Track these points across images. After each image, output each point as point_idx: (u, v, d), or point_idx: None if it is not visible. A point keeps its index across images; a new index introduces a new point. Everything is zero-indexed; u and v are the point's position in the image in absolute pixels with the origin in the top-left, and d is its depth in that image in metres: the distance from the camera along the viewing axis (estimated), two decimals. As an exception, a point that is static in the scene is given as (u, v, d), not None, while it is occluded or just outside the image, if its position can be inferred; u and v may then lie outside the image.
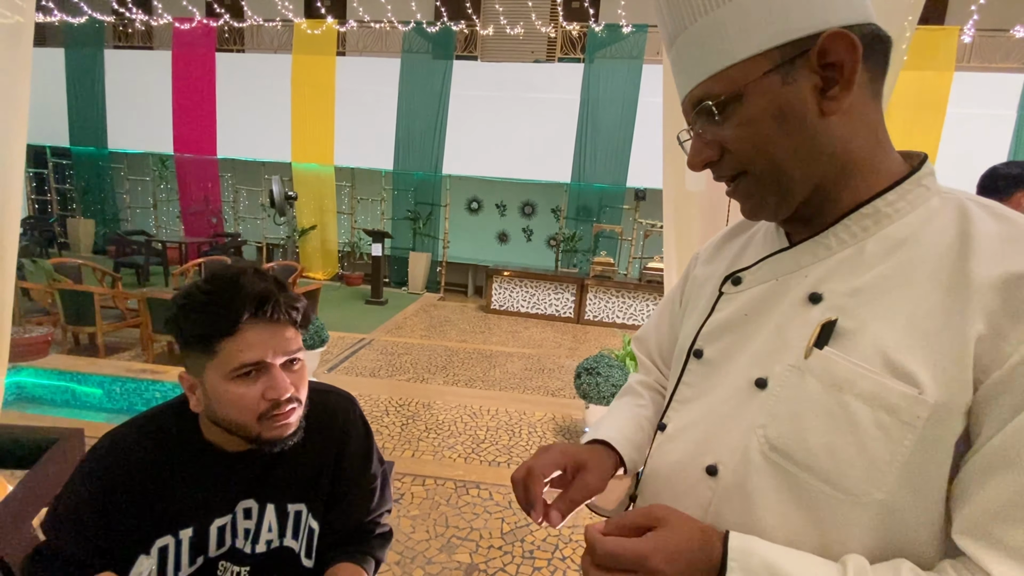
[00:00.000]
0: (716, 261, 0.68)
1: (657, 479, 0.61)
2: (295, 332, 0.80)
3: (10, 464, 1.27)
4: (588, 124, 7.56)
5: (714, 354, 0.59)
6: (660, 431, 0.64)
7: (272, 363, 0.77)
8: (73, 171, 9.72)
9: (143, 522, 0.78)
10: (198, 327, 0.74)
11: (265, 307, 0.75)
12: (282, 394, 0.76)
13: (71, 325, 4.54)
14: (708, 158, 0.53)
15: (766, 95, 0.47)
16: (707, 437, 0.56)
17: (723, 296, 0.61)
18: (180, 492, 0.80)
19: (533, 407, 3.79)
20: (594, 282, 7.01)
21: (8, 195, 1.76)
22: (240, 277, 0.76)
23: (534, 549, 2.20)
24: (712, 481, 0.54)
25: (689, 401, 0.61)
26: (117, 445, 0.80)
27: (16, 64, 1.78)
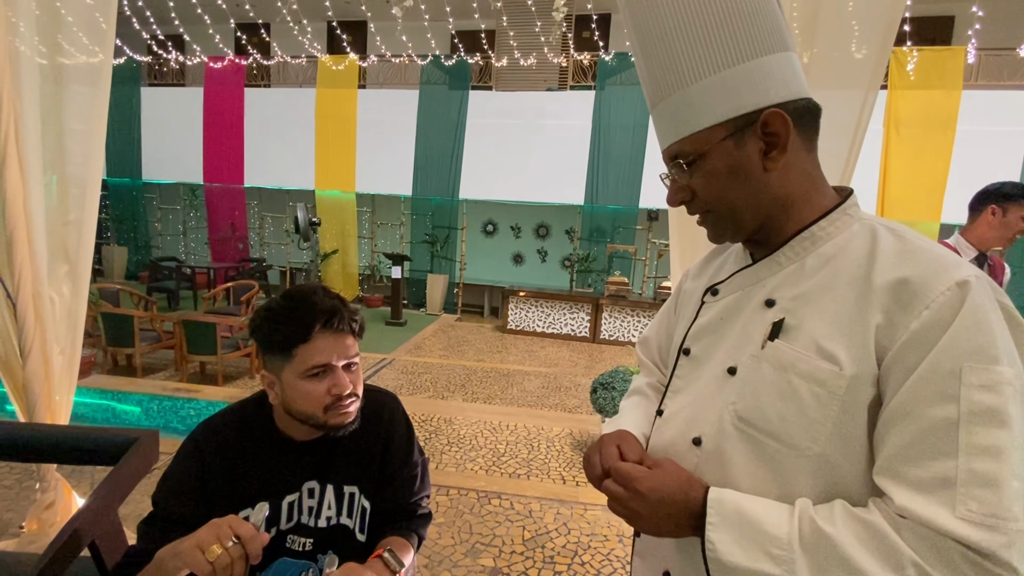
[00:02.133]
0: (702, 276, 0.84)
1: (656, 452, 0.76)
2: (354, 340, 0.97)
3: (94, 461, 1.44)
4: (600, 148, 7.78)
5: (698, 351, 0.74)
6: (658, 416, 0.78)
7: (336, 365, 0.93)
8: (109, 201, 10.23)
9: (230, 496, 0.93)
10: (279, 334, 0.91)
11: (333, 320, 0.91)
12: (344, 390, 0.93)
13: (111, 346, 4.80)
14: (682, 199, 0.70)
15: (723, 155, 0.63)
16: (693, 416, 0.70)
17: (705, 304, 0.77)
18: (258, 472, 0.96)
19: (551, 423, 3.90)
20: (609, 301, 7.12)
21: (85, 228, 1.99)
22: (313, 295, 0.93)
23: (554, 555, 2.30)
24: (698, 450, 0.68)
25: (680, 391, 0.76)
26: (209, 429, 0.97)
27: (94, 108, 2.01)
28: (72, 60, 1.97)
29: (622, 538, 2.46)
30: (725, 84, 0.61)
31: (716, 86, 0.61)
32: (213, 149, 9.12)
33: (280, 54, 9.24)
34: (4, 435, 1.41)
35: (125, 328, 4.70)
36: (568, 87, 8.64)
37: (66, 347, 2.01)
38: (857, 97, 1.54)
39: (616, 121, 7.69)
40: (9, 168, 1.77)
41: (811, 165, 0.66)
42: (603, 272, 8.07)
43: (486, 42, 8.70)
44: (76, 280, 2.00)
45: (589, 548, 2.36)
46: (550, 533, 2.46)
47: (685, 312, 0.82)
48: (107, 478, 1.31)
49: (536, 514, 2.62)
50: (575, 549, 2.35)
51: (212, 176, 9.24)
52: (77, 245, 1.99)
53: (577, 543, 2.39)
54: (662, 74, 0.65)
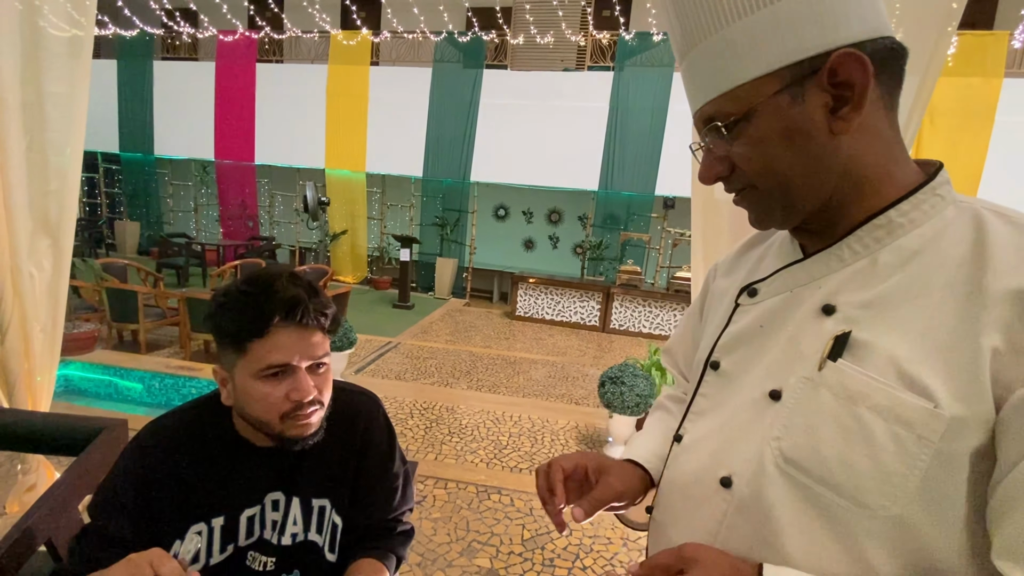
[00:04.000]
0: (734, 273, 0.69)
1: (672, 490, 0.62)
2: (323, 337, 0.82)
3: (60, 451, 1.34)
4: (617, 132, 7.54)
5: (730, 366, 0.60)
6: (676, 442, 0.64)
7: (298, 366, 0.79)
8: (122, 176, 10.23)
9: (179, 508, 0.81)
10: (232, 325, 0.77)
11: (295, 312, 0.77)
12: (305, 396, 0.78)
13: (116, 322, 4.77)
14: (718, 173, 0.54)
15: (775, 115, 0.48)
16: (721, 448, 0.56)
17: (739, 308, 0.61)
18: (213, 481, 0.83)
19: (556, 415, 3.78)
20: (620, 291, 6.95)
21: (66, 198, 1.88)
22: (275, 281, 0.78)
23: (554, 558, 2.19)
24: (727, 493, 0.54)
25: (705, 413, 0.61)
26: (157, 434, 0.84)
27: (76, 77, 1.90)
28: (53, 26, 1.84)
29: (627, 541, 2.34)
30: (778, 20, 0.45)
31: (766, 23, 0.46)
32: (224, 125, 9.02)
33: (292, 29, 9.06)
34: (-36, 419, 1.32)
35: (130, 304, 4.66)
36: (586, 67, 8.36)
37: (47, 325, 1.91)
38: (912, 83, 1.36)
39: (634, 104, 7.43)
40: (-17, 133, 1.66)
41: (891, 129, 0.50)
42: (615, 260, 7.89)
43: (502, 18, 8.42)
44: (58, 254, 1.90)
45: (591, 551, 2.25)
46: (551, 533, 2.35)
47: (714, 316, 0.67)
48: (67, 471, 1.21)
49: (537, 512, 2.51)
50: (576, 552, 2.24)
51: (223, 152, 9.16)
52: (59, 217, 1.89)
53: (579, 545, 2.28)
54: (695, 10, 0.50)
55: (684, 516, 0.58)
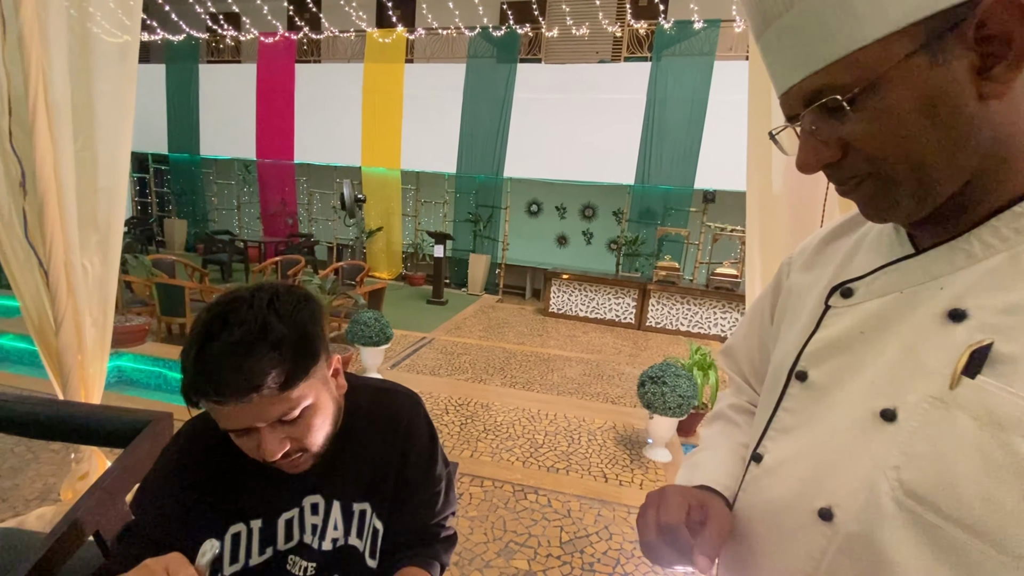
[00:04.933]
0: (816, 268, 0.60)
1: (755, 518, 0.54)
2: (278, 394, 0.67)
3: (108, 443, 1.37)
4: (654, 124, 7.33)
5: (821, 377, 0.51)
6: (755, 462, 0.56)
7: (259, 426, 0.69)
8: (170, 176, 10.68)
9: (218, 508, 0.79)
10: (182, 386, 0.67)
11: (218, 397, 0.64)
12: (271, 457, 0.70)
13: (165, 316, 4.96)
14: (828, 159, 0.45)
15: (910, 82, 0.39)
16: (817, 474, 0.48)
17: (830, 310, 0.53)
18: (251, 483, 0.81)
19: (593, 414, 3.70)
20: (657, 287, 6.77)
21: (115, 195, 1.92)
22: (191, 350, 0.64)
23: (594, 562, 2.12)
24: (826, 527, 0.46)
25: (791, 430, 0.53)
26: (196, 434, 0.82)
27: (124, 79, 1.94)
28: (103, 31, 1.89)
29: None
30: None
31: None
32: (265, 125, 9.28)
33: (330, 28, 9.21)
34: (14, 412, 1.35)
35: (177, 298, 4.83)
36: (622, 58, 8.16)
37: (98, 317, 1.97)
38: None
39: (673, 95, 7.20)
40: (39, 133, 1.71)
41: None
42: (652, 256, 7.69)
43: (537, 10, 8.32)
44: (107, 249, 1.95)
45: (633, 557, 2.17)
46: (590, 536, 2.28)
47: (794, 318, 0.58)
48: (113, 464, 1.22)
49: (575, 514, 2.45)
50: (617, 557, 2.16)
51: (264, 152, 9.42)
52: (108, 214, 1.94)
53: (619, 550, 2.20)
54: None
55: (771, 549, 0.51)
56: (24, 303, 1.86)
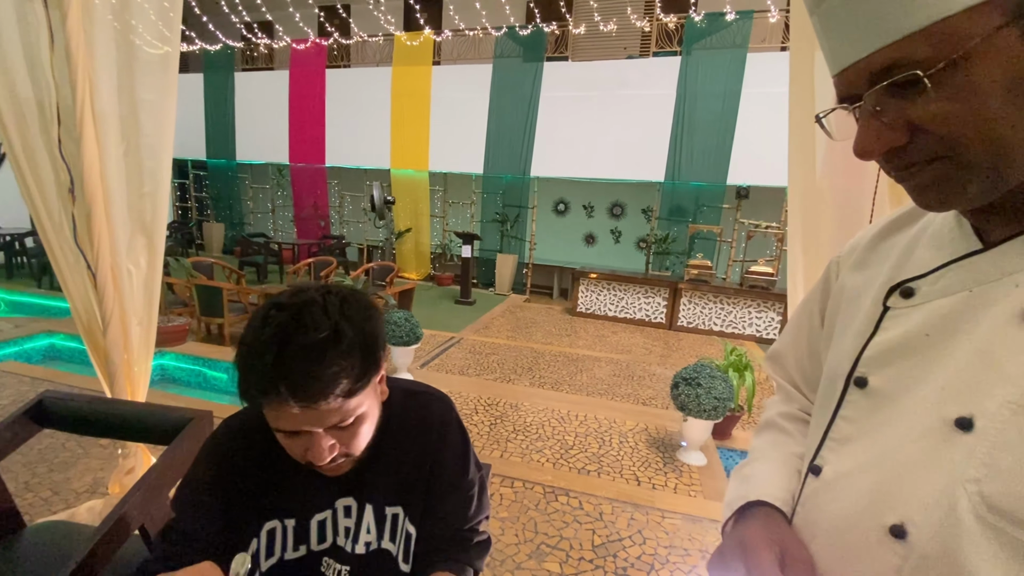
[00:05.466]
0: (870, 267, 0.56)
1: (817, 535, 0.50)
2: (341, 402, 0.68)
3: (152, 440, 1.41)
4: (684, 120, 7.17)
5: (884, 383, 0.48)
6: (813, 474, 0.52)
7: (312, 431, 0.69)
8: (208, 181, 11.07)
9: (252, 505, 0.80)
10: (239, 385, 0.66)
11: (287, 399, 0.64)
12: (320, 461, 0.71)
13: (204, 316, 5.13)
14: (892, 143, 0.41)
15: (998, 58, 0.35)
16: (886, 488, 0.44)
17: (890, 311, 0.49)
18: (284, 482, 0.81)
19: (624, 415, 3.63)
20: (689, 286, 6.62)
21: (158, 199, 1.98)
22: (267, 352, 0.63)
23: (628, 567, 2.08)
24: (899, 546, 0.42)
25: (852, 440, 0.49)
26: (232, 432, 0.83)
27: (165, 88, 2.00)
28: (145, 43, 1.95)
29: (705, 554, 2.18)
30: None
31: None
32: (298, 130, 9.51)
33: (359, 33, 9.37)
34: (73, 409, 1.41)
35: (215, 299, 5.00)
36: (651, 53, 8.02)
37: (143, 318, 2.04)
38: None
39: (704, 89, 7.03)
40: (86, 141, 1.78)
41: None
42: (683, 254, 7.53)
43: (564, 7, 8.26)
44: (152, 252, 2.02)
45: (668, 563, 2.11)
46: (623, 540, 2.24)
47: (848, 321, 0.55)
48: (157, 461, 1.26)
49: (607, 517, 2.40)
50: (651, 562, 2.11)
51: (297, 156, 9.66)
52: (152, 217, 2.00)
53: (654, 555, 2.15)
54: None
55: (837, 569, 0.47)
56: (74, 304, 1.94)
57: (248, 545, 0.79)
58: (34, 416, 1.39)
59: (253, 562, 0.78)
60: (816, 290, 0.65)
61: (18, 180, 1.80)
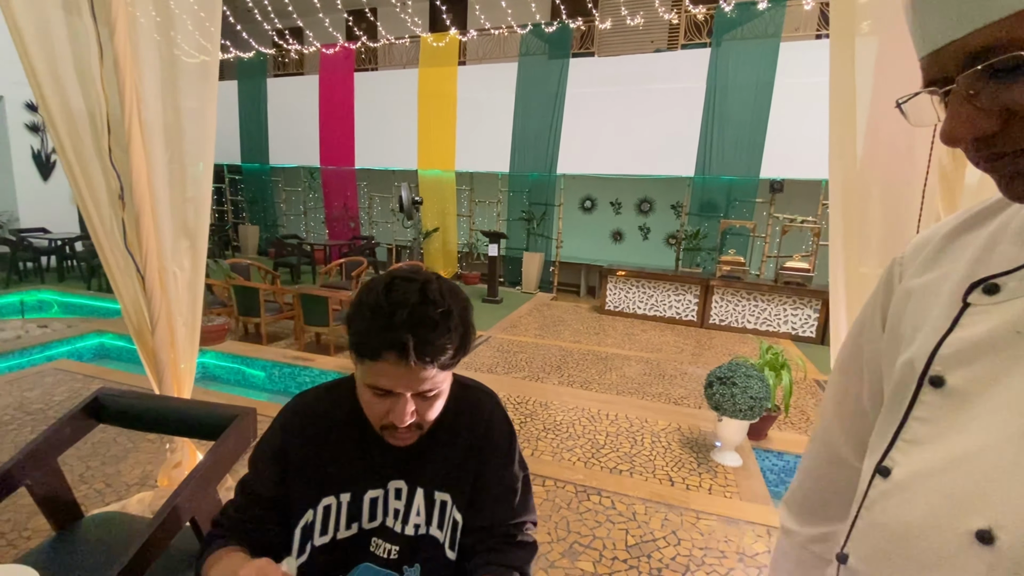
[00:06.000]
0: (942, 265, 0.53)
1: (885, 538, 0.48)
2: (436, 371, 0.77)
3: (199, 435, 1.46)
4: (715, 113, 7.01)
5: (963, 383, 0.45)
6: (880, 475, 0.50)
7: (402, 393, 0.77)
8: (243, 185, 11.42)
9: (312, 479, 0.85)
10: (353, 334, 0.76)
11: (405, 353, 0.72)
12: (401, 423, 0.78)
13: (242, 316, 5.30)
14: (985, 130, 0.39)
15: None
16: (970, 491, 0.42)
17: (970, 308, 0.47)
18: (343, 458, 0.86)
19: (655, 415, 3.58)
20: (721, 283, 6.48)
21: (201, 204, 2.06)
22: (398, 311, 0.72)
23: (662, 568, 2.05)
24: (986, 552, 0.40)
25: (927, 441, 0.47)
26: (303, 406, 0.89)
27: (205, 96, 2.07)
28: (188, 48, 2.03)
29: (743, 556, 2.14)
30: None
31: None
32: (328, 133, 9.72)
33: (386, 36, 9.50)
34: (127, 405, 1.47)
35: (252, 300, 5.16)
36: (679, 46, 7.87)
37: (188, 319, 2.12)
38: None
39: (735, 81, 6.86)
40: (134, 149, 1.86)
41: None
42: (714, 251, 7.37)
43: (590, 1, 8.18)
44: (195, 255, 2.10)
45: (703, 564, 2.08)
46: (657, 541, 2.21)
47: (919, 321, 0.52)
48: (206, 456, 1.31)
49: (640, 517, 2.38)
50: (686, 563, 2.08)
51: (327, 159, 9.87)
52: (195, 221, 2.08)
53: (689, 556, 2.12)
54: None
55: (910, 574, 0.45)
56: (124, 305, 2.03)
57: (304, 514, 0.83)
58: (91, 412, 1.46)
59: (305, 536, 0.83)
60: (877, 293, 0.62)
61: (72, 187, 1.89)
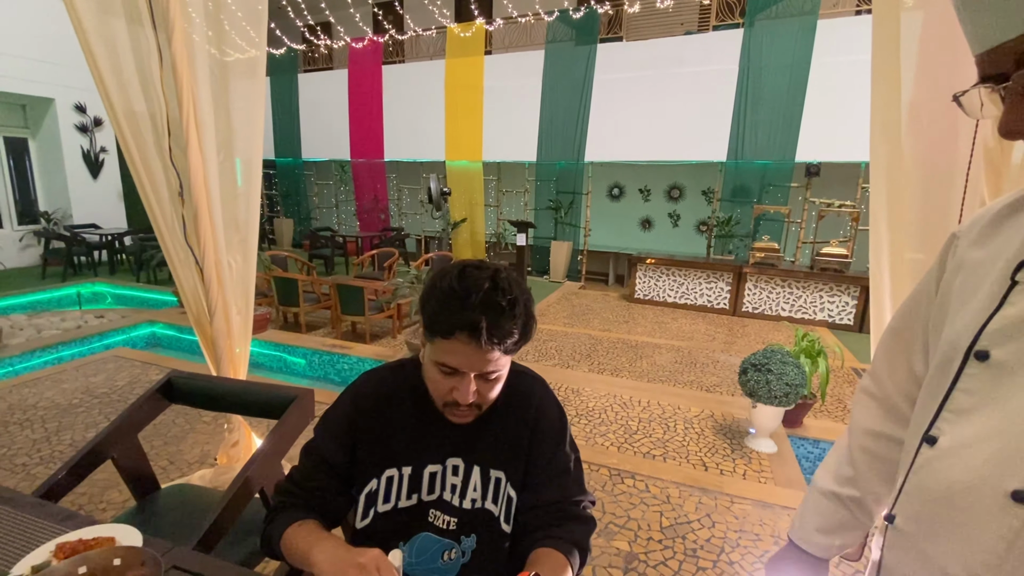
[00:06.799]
0: (994, 243, 0.56)
1: (930, 500, 0.53)
2: (501, 355, 0.83)
3: (259, 414, 1.57)
4: (748, 95, 6.84)
5: (1008, 357, 0.49)
6: (928, 444, 0.54)
7: (467, 373, 0.83)
8: (277, 179, 11.75)
9: (377, 450, 0.93)
10: (428, 315, 0.83)
11: (476, 334, 0.79)
12: (463, 401, 0.85)
13: (282, 306, 5.52)
14: None
15: None
16: (1008, 456, 0.46)
17: (1018, 286, 0.49)
18: (406, 433, 0.93)
19: (688, 402, 3.60)
20: (754, 270, 6.37)
21: (251, 199, 2.17)
22: (472, 295, 0.79)
23: (697, 548, 2.10)
24: (1021, 509, 0.44)
25: (971, 411, 0.51)
26: (370, 379, 0.98)
27: (254, 93, 2.17)
28: (236, 49, 2.13)
29: (778, 540, 2.16)
30: None
31: None
32: (357, 127, 9.89)
33: (414, 28, 9.57)
34: (196, 386, 1.60)
35: (291, 290, 5.36)
36: (710, 28, 7.67)
37: (242, 307, 2.26)
38: None
39: (769, 62, 6.67)
40: (192, 150, 1.98)
41: None
42: (747, 237, 7.23)
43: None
44: (246, 248, 2.22)
45: (738, 547, 2.11)
46: (691, 523, 2.25)
47: (968, 296, 0.55)
48: (271, 433, 1.41)
49: (674, 500, 2.42)
50: (721, 545, 2.12)
51: (357, 152, 10.06)
52: (246, 216, 2.20)
53: (723, 539, 2.15)
54: None
55: (952, 531, 0.49)
56: (185, 296, 2.18)
57: (368, 483, 0.92)
58: (164, 393, 1.59)
59: (369, 503, 0.92)
60: (933, 267, 0.66)
61: (138, 186, 2.03)
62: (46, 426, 2.99)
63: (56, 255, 7.55)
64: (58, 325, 5.08)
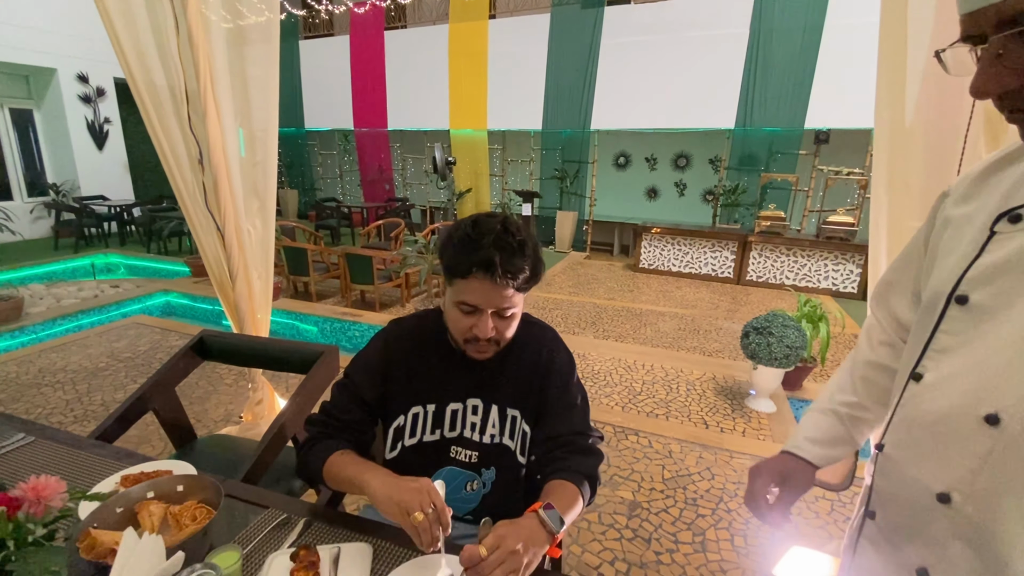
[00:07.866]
0: (978, 198, 0.61)
1: (914, 428, 0.60)
2: (514, 292, 0.93)
3: (287, 368, 1.67)
4: (758, 60, 6.71)
5: (984, 299, 0.55)
6: (914, 380, 0.61)
7: (484, 310, 0.93)
8: (281, 149, 11.69)
9: (404, 389, 1.03)
10: (448, 260, 0.93)
11: (491, 270, 0.88)
12: (482, 336, 0.94)
13: (292, 275, 5.61)
14: (1008, 85, 0.47)
15: None
16: (983, 386, 0.53)
17: (996, 236, 0.55)
18: (431, 374, 1.04)
19: (691, 365, 3.70)
20: (760, 239, 6.39)
21: (268, 167, 2.23)
22: (488, 235, 0.89)
23: (697, 498, 2.23)
24: (993, 430, 0.51)
25: (951, 350, 0.57)
26: (399, 327, 1.09)
27: (268, 60, 2.20)
28: (248, 20, 2.14)
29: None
30: None
31: None
32: (360, 95, 9.77)
33: (415, -8, 9.33)
34: (227, 344, 1.70)
35: (301, 260, 5.44)
36: (721, -11, 7.45)
37: (262, 273, 2.34)
38: None
39: (780, 24, 6.52)
40: (210, 119, 2.03)
41: None
42: (753, 206, 7.22)
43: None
44: (265, 214, 2.29)
45: (736, 496, 2.24)
46: (692, 476, 2.38)
47: (952, 247, 0.61)
48: (300, 386, 1.52)
49: (676, 455, 2.54)
50: (720, 495, 2.25)
51: (361, 121, 9.97)
52: (264, 183, 2.26)
53: (723, 490, 2.28)
54: None
55: (934, 453, 0.57)
56: (208, 262, 2.26)
57: (396, 418, 1.03)
58: (198, 350, 1.69)
59: (397, 437, 1.03)
60: (926, 222, 0.72)
61: (160, 155, 2.08)
62: (76, 388, 3.13)
63: (67, 226, 7.64)
64: (75, 295, 5.21)
